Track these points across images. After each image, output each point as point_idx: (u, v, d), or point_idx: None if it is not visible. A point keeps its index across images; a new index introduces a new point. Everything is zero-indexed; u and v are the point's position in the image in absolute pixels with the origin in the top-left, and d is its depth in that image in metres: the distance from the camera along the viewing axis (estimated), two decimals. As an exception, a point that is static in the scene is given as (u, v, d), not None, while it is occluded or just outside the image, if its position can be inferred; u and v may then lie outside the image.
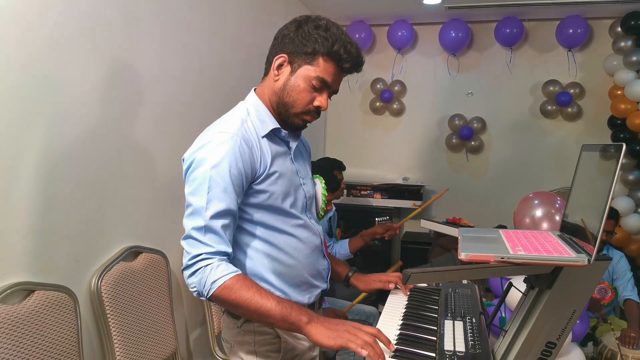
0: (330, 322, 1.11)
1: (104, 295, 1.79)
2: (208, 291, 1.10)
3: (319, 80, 1.21)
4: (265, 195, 1.22)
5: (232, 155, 1.15)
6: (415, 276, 0.89)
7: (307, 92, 1.22)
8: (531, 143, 4.25)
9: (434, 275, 0.92)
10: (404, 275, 0.90)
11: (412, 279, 0.89)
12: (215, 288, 1.09)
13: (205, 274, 1.10)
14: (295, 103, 1.23)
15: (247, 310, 1.10)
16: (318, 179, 1.46)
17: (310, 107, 1.25)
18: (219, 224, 1.13)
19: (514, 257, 0.98)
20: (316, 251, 1.33)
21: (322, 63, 1.20)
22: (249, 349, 1.27)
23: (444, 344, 1.14)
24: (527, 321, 1.10)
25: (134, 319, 1.89)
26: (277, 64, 1.23)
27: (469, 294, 1.50)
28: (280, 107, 1.25)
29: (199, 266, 1.11)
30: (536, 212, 2.15)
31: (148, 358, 1.93)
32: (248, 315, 1.13)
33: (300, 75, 1.21)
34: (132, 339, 1.86)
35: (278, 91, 1.24)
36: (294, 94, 1.22)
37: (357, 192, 4.27)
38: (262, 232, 1.24)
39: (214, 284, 1.09)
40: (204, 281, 1.10)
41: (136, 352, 1.87)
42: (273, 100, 1.26)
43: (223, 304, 1.13)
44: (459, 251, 1.01)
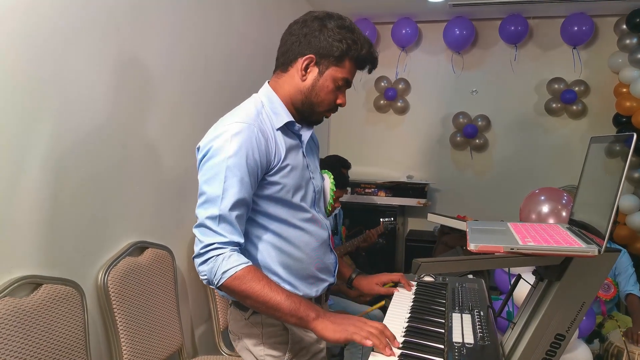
0: (337, 317, 1.12)
1: (110, 289, 1.79)
2: (219, 280, 1.10)
3: (344, 81, 1.27)
4: (277, 187, 1.22)
5: (249, 145, 1.16)
6: (425, 265, 0.89)
7: (334, 92, 1.27)
8: (536, 141, 4.24)
9: (443, 265, 0.91)
10: (413, 264, 0.90)
11: (422, 268, 0.89)
12: (226, 278, 1.10)
13: (217, 263, 1.11)
14: (323, 103, 1.27)
15: (256, 302, 1.10)
16: (327, 174, 1.46)
17: (333, 105, 1.29)
18: (233, 215, 1.13)
19: (523, 248, 0.97)
20: (324, 245, 1.33)
21: (347, 64, 1.25)
22: (256, 341, 1.27)
23: (453, 336, 1.13)
24: (536, 313, 1.10)
25: (141, 314, 1.89)
26: (304, 65, 1.24)
27: (476, 288, 1.50)
28: (305, 105, 1.28)
29: (211, 255, 1.11)
30: (542, 208, 2.15)
31: (154, 353, 1.93)
32: (256, 307, 1.14)
33: (328, 76, 1.24)
34: (138, 333, 1.87)
35: (306, 91, 1.26)
36: (322, 94, 1.25)
37: (361, 190, 4.27)
38: (272, 224, 1.24)
39: (225, 273, 1.10)
40: (215, 270, 1.11)
41: (142, 347, 1.88)
42: (297, 99, 1.27)
43: (233, 294, 1.14)
44: (468, 242, 1.00)
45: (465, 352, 1.05)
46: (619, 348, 2.53)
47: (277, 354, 1.26)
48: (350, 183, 4.22)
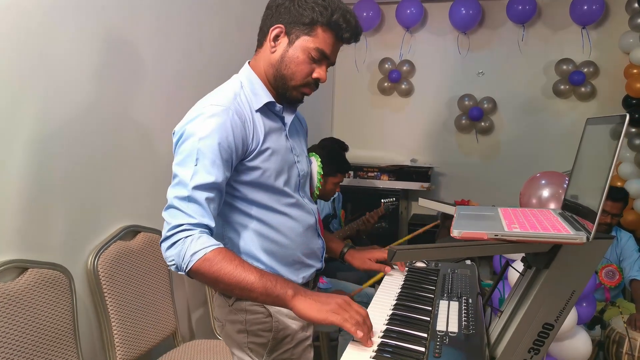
0: (320, 295, 1.07)
1: (100, 274, 1.78)
2: (187, 264, 1.05)
3: (318, 52, 1.18)
4: (257, 173, 1.18)
5: (223, 129, 1.12)
6: (400, 253, 0.85)
7: (306, 63, 1.19)
8: (543, 124, 4.15)
9: (420, 253, 0.87)
10: (389, 252, 0.86)
11: (397, 256, 0.85)
12: (195, 260, 1.04)
13: (185, 245, 1.05)
14: (294, 75, 1.20)
15: (228, 284, 1.05)
16: (314, 157, 1.41)
17: (309, 80, 1.21)
18: (203, 196, 1.09)
19: (508, 234, 0.93)
20: (310, 230, 1.30)
21: (320, 33, 1.17)
22: (240, 328, 1.24)
23: (437, 324, 1.10)
24: (524, 302, 1.06)
25: (132, 298, 1.88)
26: (274, 35, 1.19)
27: (469, 274, 1.46)
28: (277, 80, 1.21)
29: (179, 237, 1.06)
30: (543, 193, 2.09)
31: (146, 337, 1.93)
32: (230, 291, 1.08)
33: (298, 46, 1.18)
34: (129, 317, 1.86)
35: (275, 63, 1.20)
36: (292, 66, 1.19)
37: (363, 173, 4.22)
38: (254, 210, 1.20)
39: (194, 255, 1.04)
40: (183, 253, 1.05)
41: (134, 331, 1.87)
42: (270, 73, 1.22)
43: (203, 278, 1.08)
44: (451, 228, 0.96)
45: (448, 342, 1.01)
46: (621, 335, 2.49)
47: (260, 342, 1.23)
48: (353, 167, 4.17)
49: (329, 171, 2.31)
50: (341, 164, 2.35)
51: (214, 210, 1.12)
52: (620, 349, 2.49)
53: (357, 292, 2.35)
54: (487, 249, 0.92)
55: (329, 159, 2.32)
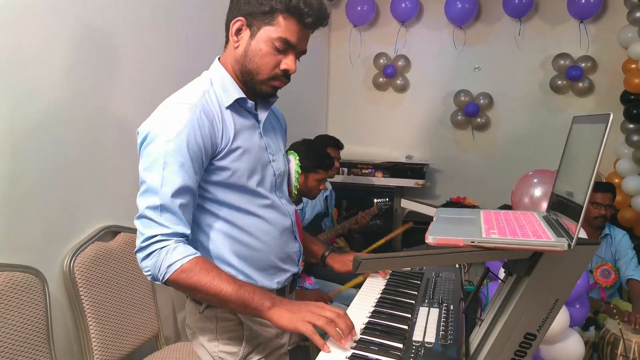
0: (294, 304, 1.04)
1: (77, 276, 1.73)
2: (164, 275, 1.03)
3: (281, 41, 1.11)
4: (227, 173, 1.13)
5: (191, 128, 1.06)
6: (366, 263, 0.80)
7: (270, 55, 1.12)
8: (540, 119, 4.08)
9: (387, 262, 0.82)
10: (354, 262, 0.80)
11: (363, 266, 0.79)
12: (172, 272, 1.02)
13: (160, 256, 1.02)
14: (259, 69, 1.14)
15: (206, 294, 1.03)
16: (292, 155, 1.36)
17: (277, 72, 1.15)
18: (177, 203, 1.04)
19: (485, 241, 0.88)
20: (286, 233, 1.24)
21: (282, 21, 1.10)
22: (210, 336, 1.19)
23: (414, 333, 1.05)
24: (504, 310, 1.00)
25: (111, 301, 1.83)
26: (235, 29, 1.13)
27: (453, 278, 1.41)
28: (245, 76, 1.16)
29: (154, 248, 1.03)
30: (535, 191, 2.04)
31: (126, 340, 1.88)
32: (208, 300, 1.06)
33: (261, 38, 1.12)
34: (108, 321, 1.81)
35: (240, 58, 1.15)
36: (256, 59, 1.13)
37: (357, 170, 4.16)
38: (225, 212, 1.15)
39: (170, 267, 1.02)
40: (159, 264, 1.02)
41: (113, 334, 1.82)
42: (236, 69, 1.17)
43: (180, 289, 1.06)
44: (426, 234, 0.91)
45: (423, 353, 0.96)
46: (616, 336, 2.44)
47: (231, 350, 1.18)
48: (347, 163, 4.13)
49: (308, 167, 2.26)
50: (321, 159, 2.28)
51: (188, 215, 1.08)
52: (615, 351, 2.43)
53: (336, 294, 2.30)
54: (463, 256, 0.86)
55: (308, 154, 2.26)
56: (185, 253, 1.03)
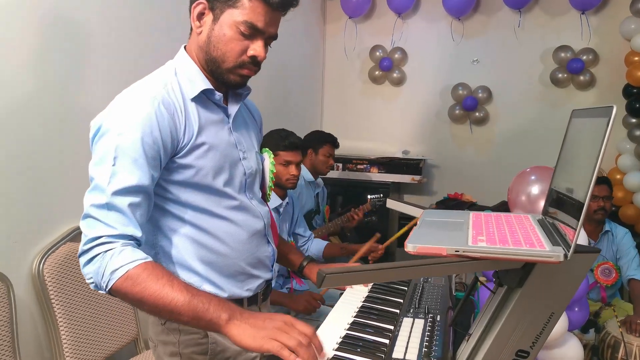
0: (257, 319, 0.92)
1: (47, 279, 1.64)
2: (107, 282, 0.90)
3: (247, 26, 1.01)
4: (191, 171, 1.03)
5: (147, 121, 0.96)
6: (330, 278, 0.70)
7: (236, 41, 1.02)
8: (540, 114, 3.97)
9: (355, 277, 0.72)
10: (318, 276, 0.70)
11: (327, 281, 0.70)
12: (116, 279, 0.89)
13: (104, 261, 0.90)
14: (225, 56, 1.04)
15: (154, 306, 0.90)
16: (267, 152, 1.26)
17: (244, 59, 1.04)
18: (125, 202, 0.94)
19: (471, 250, 0.78)
20: (257, 237, 1.14)
21: (247, 3, 1.00)
22: (172, 350, 1.09)
23: (395, 349, 0.95)
24: (494, 324, 0.91)
25: (84, 305, 1.74)
26: (197, 13, 1.03)
27: (442, 284, 1.31)
28: (210, 64, 1.06)
29: (98, 252, 0.91)
30: (532, 189, 1.93)
31: (102, 345, 1.79)
32: (157, 313, 0.94)
33: (224, 22, 1.01)
34: (81, 325, 1.72)
35: (203, 45, 1.05)
36: (221, 45, 1.03)
37: (352, 166, 4.06)
38: (188, 214, 1.05)
39: (114, 273, 0.89)
40: (102, 270, 0.90)
41: (87, 339, 1.73)
42: (201, 57, 1.07)
43: (126, 299, 0.93)
44: (406, 242, 0.81)
45: (403, 374, 0.87)
46: (616, 339, 2.35)
47: None
48: (342, 159, 4.03)
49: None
50: (281, 139, 2.16)
51: (140, 217, 0.97)
52: (616, 354, 2.34)
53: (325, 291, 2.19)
54: (447, 267, 0.76)
55: (266, 140, 2.10)
56: (133, 258, 0.92)
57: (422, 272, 0.75)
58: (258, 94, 3.22)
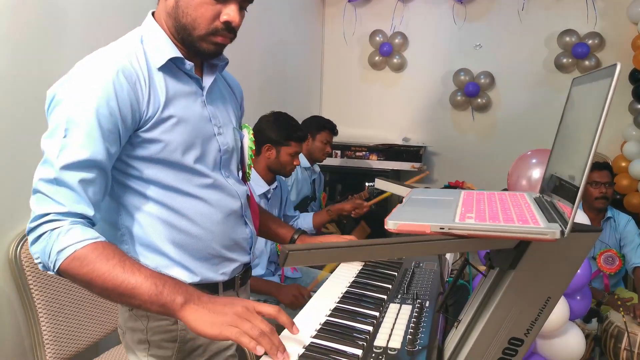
0: (216, 304, 0.85)
1: (24, 264, 1.57)
2: (54, 263, 0.85)
3: None
4: (157, 146, 0.95)
5: (103, 91, 0.89)
6: (294, 256, 0.62)
7: (207, 5, 0.94)
8: (544, 100, 3.87)
9: (322, 255, 0.64)
10: (281, 254, 0.63)
11: (291, 259, 0.62)
12: (63, 259, 0.83)
13: (51, 240, 0.85)
14: (195, 23, 0.96)
15: (104, 289, 0.84)
16: (246, 129, 1.18)
17: (217, 25, 0.96)
18: (76, 178, 0.87)
19: (458, 227, 0.70)
20: (232, 217, 1.07)
21: None
22: (140, 338, 1.03)
23: (378, 336, 0.88)
24: (484, 310, 0.83)
25: (65, 292, 1.68)
26: None
27: (435, 269, 1.24)
28: (180, 32, 0.98)
29: (44, 230, 0.85)
30: (533, 173, 1.85)
31: (85, 332, 1.73)
32: (108, 296, 0.87)
33: None
34: (62, 312, 1.65)
35: (171, 11, 0.97)
36: (190, 11, 0.95)
37: (351, 153, 3.98)
38: (155, 192, 0.98)
39: (60, 253, 0.84)
40: (48, 249, 0.85)
41: (69, 326, 1.67)
42: (170, 25, 0.99)
43: (75, 281, 0.87)
44: (386, 219, 0.74)
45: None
46: (620, 329, 2.27)
47: (163, 355, 1.02)
48: (340, 146, 3.95)
49: (279, 140, 2.08)
50: (292, 129, 2.10)
51: (94, 195, 0.90)
52: (619, 345, 2.27)
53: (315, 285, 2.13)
54: (430, 246, 0.69)
55: (278, 125, 2.08)
56: (82, 237, 0.85)
57: (401, 250, 0.67)
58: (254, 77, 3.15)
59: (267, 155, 2.10)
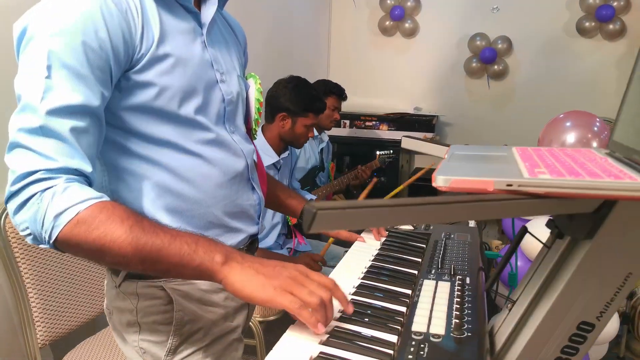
0: (264, 264, 0.72)
1: (10, 235, 1.43)
2: (50, 232, 0.68)
3: None
4: (152, 92, 0.78)
5: (90, 20, 0.71)
6: (324, 217, 0.45)
7: None
8: (564, 66, 3.67)
9: (360, 216, 0.47)
10: (305, 214, 0.46)
11: (320, 221, 0.45)
12: (64, 225, 0.67)
13: (43, 203, 0.67)
14: None
15: (120, 255, 0.69)
16: (253, 78, 1.01)
17: None
18: (66, 126, 0.70)
19: (531, 184, 0.54)
20: (238, 180, 0.91)
21: None
22: (129, 320, 0.87)
23: (414, 320, 0.73)
24: (550, 289, 0.68)
25: (56, 265, 1.54)
26: None
27: (469, 241, 1.08)
28: None
29: (33, 192, 0.68)
30: (567, 138, 1.69)
31: (79, 311, 1.60)
32: (126, 265, 0.72)
33: None
34: (54, 288, 1.52)
35: None
36: None
37: (360, 123, 3.80)
38: (147, 149, 0.81)
39: (60, 217, 0.67)
40: (41, 215, 0.67)
41: (61, 303, 1.54)
42: None
43: (81, 252, 0.71)
44: (434, 174, 0.58)
45: (427, 353, 0.64)
46: (650, 306, 2.13)
47: (157, 340, 0.87)
48: (349, 115, 3.77)
49: (296, 110, 1.91)
50: (311, 100, 1.93)
51: (88, 147, 0.73)
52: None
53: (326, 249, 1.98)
54: (492, 207, 0.53)
55: (295, 94, 1.91)
56: (85, 195, 0.69)
57: (461, 212, 0.51)
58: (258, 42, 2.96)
59: (282, 125, 1.94)
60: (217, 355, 0.89)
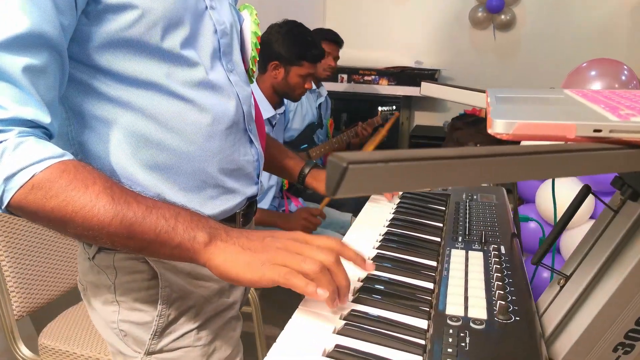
0: (252, 238, 0.60)
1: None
2: (1, 196, 0.55)
3: None
4: (129, 17, 0.62)
5: None
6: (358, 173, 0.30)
7: None
8: (575, 15, 3.47)
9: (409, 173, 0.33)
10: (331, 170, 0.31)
11: (351, 180, 0.31)
12: (16, 189, 0.54)
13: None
14: None
15: (85, 227, 0.56)
16: (248, 9, 0.84)
17: None
18: (18, 64, 0.55)
19: (627, 129, 0.40)
20: (234, 131, 0.75)
21: None
22: (106, 297, 0.74)
23: (447, 300, 0.60)
24: (616, 264, 0.55)
25: (30, 231, 1.41)
26: None
27: (496, 202, 0.95)
28: None
29: None
30: (593, 87, 1.53)
31: (58, 280, 1.47)
32: (91, 237, 0.58)
33: None
34: (29, 256, 1.39)
35: None
36: None
37: (359, 77, 3.61)
38: (121, 90, 0.65)
39: (11, 180, 0.54)
40: None
41: (37, 272, 1.41)
42: None
43: (38, 220, 0.58)
44: (489, 119, 0.43)
45: (469, 345, 0.51)
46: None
47: (141, 320, 0.73)
48: (347, 69, 3.58)
49: (290, 58, 1.73)
50: (306, 46, 1.75)
51: (47, 91, 0.58)
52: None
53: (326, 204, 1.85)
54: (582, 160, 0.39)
55: (288, 39, 1.73)
56: (42, 154, 0.55)
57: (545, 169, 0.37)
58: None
59: (274, 75, 1.76)
60: (212, 337, 0.76)
